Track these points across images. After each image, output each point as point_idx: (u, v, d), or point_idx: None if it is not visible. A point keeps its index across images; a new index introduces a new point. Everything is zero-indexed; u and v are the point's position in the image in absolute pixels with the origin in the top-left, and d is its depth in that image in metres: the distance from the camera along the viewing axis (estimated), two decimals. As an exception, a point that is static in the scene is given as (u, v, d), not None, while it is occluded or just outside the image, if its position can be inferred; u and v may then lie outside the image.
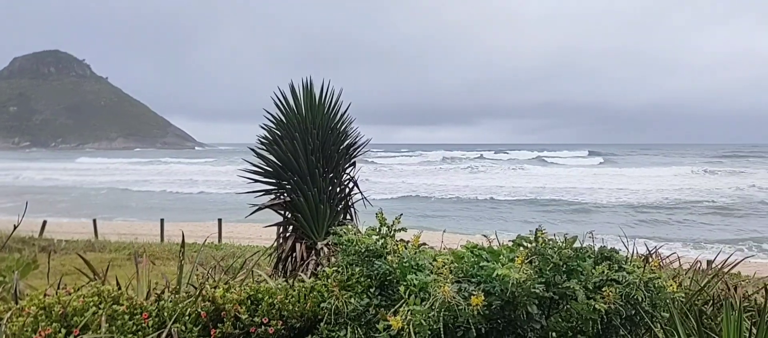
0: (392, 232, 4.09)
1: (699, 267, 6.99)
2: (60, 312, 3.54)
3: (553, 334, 3.53)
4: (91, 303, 3.66)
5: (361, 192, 6.84)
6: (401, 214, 4.17)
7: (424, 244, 4.10)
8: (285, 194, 6.73)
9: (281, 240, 6.63)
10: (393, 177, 61.55)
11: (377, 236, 3.93)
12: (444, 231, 6.23)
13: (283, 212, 6.79)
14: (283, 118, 6.72)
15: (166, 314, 3.70)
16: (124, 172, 74.08)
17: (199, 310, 3.67)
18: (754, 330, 3.47)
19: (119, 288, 4.06)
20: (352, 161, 6.94)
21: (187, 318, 3.65)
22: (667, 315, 3.78)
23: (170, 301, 3.83)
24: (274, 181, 6.80)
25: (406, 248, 3.79)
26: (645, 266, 3.83)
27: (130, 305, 3.71)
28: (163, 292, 4.12)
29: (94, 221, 21.63)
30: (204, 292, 3.76)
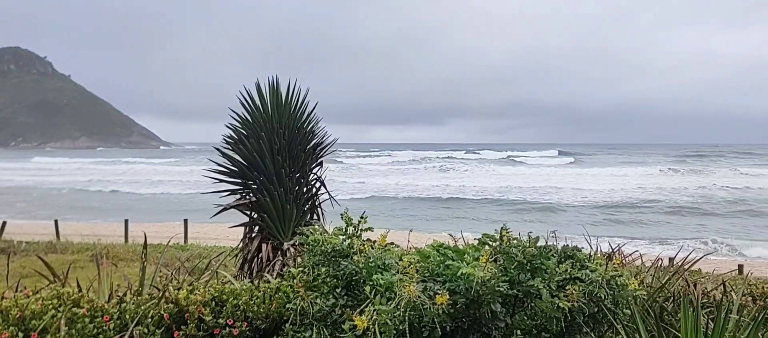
0: (359, 232, 4.08)
1: (660, 265, 7.14)
2: (17, 316, 3.45)
3: (518, 332, 3.56)
4: (51, 306, 3.58)
5: (328, 192, 6.79)
6: (367, 214, 4.17)
7: (391, 243, 4.10)
8: (251, 195, 6.66)
9: (247, 241, 6.56)
10: (362, 177, 61.43)
11: (344, 237, 3.92)
12: (410, 231, 6.23)
13: (248, 212, 6.72)
14: (249, 117, 6.64)
15: (128, 316, 3.64)
16: (87, 172, 72.42)
17: (162, 312, 3.61)
18: (711, 325, 3.56)
19: (80, 291, 3.97)
20: (319, 160, 6.89)
21: (149, 320, 3.59)
22: (629, 312, 3.85)
23: (132, 303, 3.77)
24: (239, 181, 6.72)
25: (372, 248, 3.79)
26: (607, 264, 3.90)
27: (90, 307, 3.64)
28: (125, 294, 4.05)
29: (56, 222, 21.13)
30: (167, 294, 3.71)
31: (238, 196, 6.76)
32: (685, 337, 2.77)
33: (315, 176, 6.90)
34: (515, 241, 3.78)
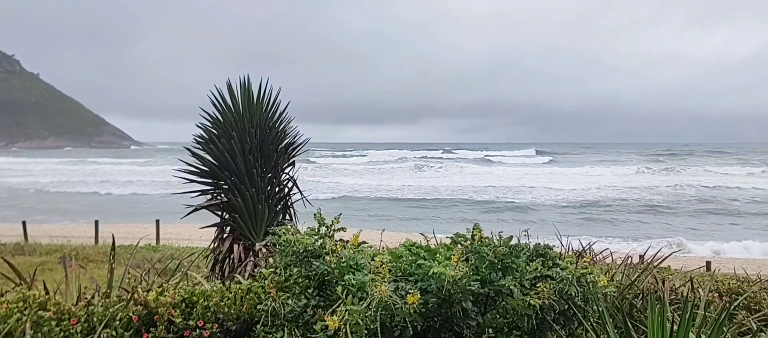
0: (331, 232, 4.07)
1: (630, 262, 7.26)
2: (-20, 320, 3.37)
3: (490, 330, 3.59)
4: (16, 310, 3.50)
5: (300, 192, 6.75)
6: (340, 214, 4.16)
7: (364, 243, 4.09)
8: (222, 195, 6.59)
9: (218, 242, 6.50)
10: (336, 177, 61.22)
11: (316, 237, 3.91)
12: (383, 230, 6.23)
13: (220, 213, 6.65)
14: (220, 117, 6.57)
15: (95, 319, 3.57)
16: (55, 172, 71.00)
17: (131, 314, 3.56)
18: (677, 319, 3.63)
19: (47, 293, 3.89)
20: (291, 160, 6.85)
21: (117, 322, 3.53)
22: (600, 308, 3.90)
23: (101, 306, 3.71)
24: (210, 181, 6.65)
25: (345, 248, 3.78)
26: (577, 262, 3.95)
27: (57, 310, 3.57)
28: (93, 297, 3.98)
29: (24, 223, 20.70)
30: (136, 296, 3.65)
31: (210, 196, 6.69)
32: (652, 333, 2.82)
33: (287, 176, 6.86)
34: (487, 240, 3.80)
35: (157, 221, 20.31)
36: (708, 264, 13.56)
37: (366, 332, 2.91)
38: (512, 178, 57.96)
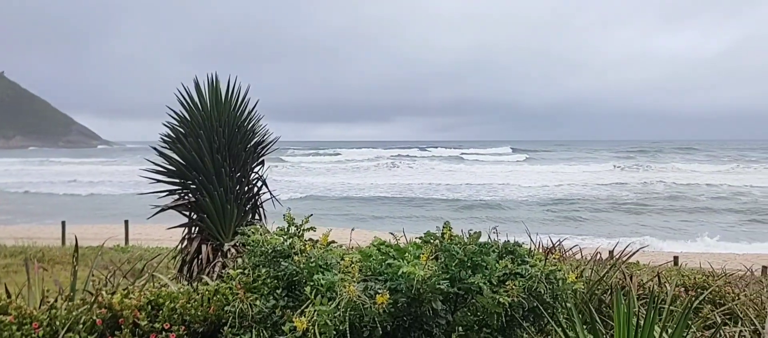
0: (301, 232, 4.04)
1: (599, 258, 7.35)
2: (-64, 326, 3.26)
3: (460, 328, 3.59)
4: (-27, 315, 3.40)
5: (269, 191, 6.68)
6: (311, 214, 4.13)
7: (334, 243, 4.06)
8: (190, 195, 6.49)
9: (186, 242, 6.40)
10: (308, 176, 60.83)
11: (285, 237, 3.87)
12: (352, 229, 6.19)
13: (188, 213, 6.55)
14: (187, 115, 6.47)
15: (58, 323, 3.49)
16: (21, 172, 69.33)
17: (95, 317, 3.48)
18: (643, 312, 3.68)
19: (9, 297, 3.79)
20: (261, 159, 6.78)
21: (81, 326, 3.45)
22: (569, 305, 3.93)
23: (64, 309, 3.62)
24: (178, 181, 6.54)
25: (314, 248, 3.75)
26: (546, 259, 3.97)
27: (18, 314, 3.48)
28: (56, 300, 3.89)
29: (-12, 225, 20.19)
30: (100, 298, 3.57)
31: (177, 196, 6.58)
32: (618, 328, 2.85)
33: (256, 176, 6.78)
34: (457, 238, 3.81)
35: (126, 222, 19.98)
36: (675, 259, 13.80)
37: (335, 333, 2.89)
38: (487, 176, 58.25)
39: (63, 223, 19.85)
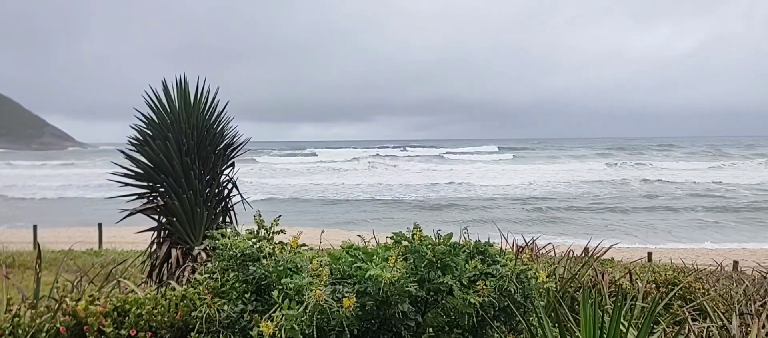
0: (270, 234, 4.00)
1: (572, 255, 7.40)
2: None
3: (430, 330, 3.59)
4: (-68, 324, 3.31)
5: (240, 194, 6.60)
6: (280, 216, 4.10)
7: (304, 246, 4.03)
8: (159, 198, 6.39)
9: (156, 246, 6.31)
10: (283, 178, 60.03)
11: (254, 240, 3.82)
12: (322, 231, 6.14)
13: (157, 216, 6.45)
14: (155, 117, 6.37)
15: (21, 331, 3.42)
16: (-5, 176, 67.84)
17: (59, 325, 3.41)
18: (610, 308, 3.70)
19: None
20: (231, 161, 6.70)
21: (44, 334, 3.38)
22: (538, 303, 3.94)
23: (28, 317, 3.54)
24: (146, 184, 6.43)
25: (283, 251, 3.71)
26: (516, 258, 3.98)
27: (-21, 323, 3.40)
28: (19, 307, 3.80)
29: (-44, 230, 19.74)
30: (64, 305, 3.50)
31: (146, 200, 6.47)
32: (584, 326, 2.86)
33: (227, 178, 6.70)
34: (427, 239, 3.80)
35: (100, 225, 19.67)
36: (649, 254, 13.99)
37: (302, 337, 2.86)
38: (471, 175, 58.21)
39: (34, 227, 19.48)
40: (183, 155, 6.23)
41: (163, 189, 6.28)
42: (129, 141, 6.36)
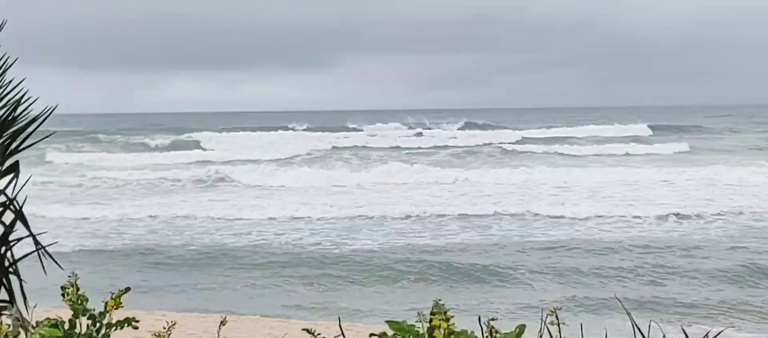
0: (101, 327, 1.80)
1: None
2: None
3: None
4: None
5: (32, 235, 2.66)
6: (127, 288, 1.87)
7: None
8: None
9: None
10: (135, 198, 25.18)
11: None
12: (223, 321, 2.63)
13: None
14: None
15: None
16: None
17: None
18: None
19: None
20: (11, 162, 2.79)
21: None
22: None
23: None
24: None
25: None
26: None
27: None
28: None
29: None
30: None
31: None
32: None
33: (1, 201, 2.54)
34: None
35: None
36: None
37: None
38: (610, 188, 24.66)
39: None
40: None
41: None
42: None
